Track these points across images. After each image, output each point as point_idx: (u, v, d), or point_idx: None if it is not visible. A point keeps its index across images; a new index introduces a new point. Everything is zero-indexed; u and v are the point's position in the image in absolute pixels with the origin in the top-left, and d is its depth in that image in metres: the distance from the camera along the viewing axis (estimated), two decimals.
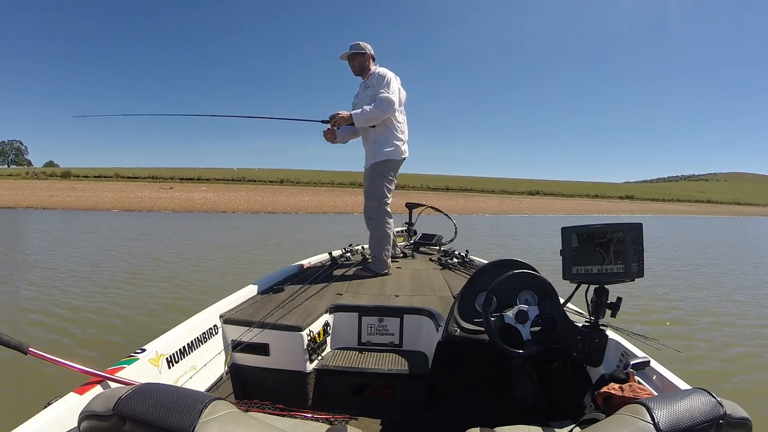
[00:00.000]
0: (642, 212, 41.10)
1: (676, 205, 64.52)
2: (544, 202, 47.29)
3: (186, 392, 0.68)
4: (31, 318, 3.96)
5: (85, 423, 0.67)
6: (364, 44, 2.70)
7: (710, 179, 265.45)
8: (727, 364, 3.24)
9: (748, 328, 4.12)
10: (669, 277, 6.69)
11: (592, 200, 62.17)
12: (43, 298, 4.65)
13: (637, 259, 1.26)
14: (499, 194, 60.17)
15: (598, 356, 1.35)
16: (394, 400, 1.73)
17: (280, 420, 1.03)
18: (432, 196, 43.95)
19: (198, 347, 1.50)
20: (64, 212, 19.06)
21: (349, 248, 3.28)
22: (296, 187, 49.38)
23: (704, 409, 0.68)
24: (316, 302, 1.98)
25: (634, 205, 56.37)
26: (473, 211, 29.81)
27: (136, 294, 4.89)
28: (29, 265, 6.62)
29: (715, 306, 4.94)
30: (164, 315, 4.07)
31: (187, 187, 41.62)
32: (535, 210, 34.45)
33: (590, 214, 32.84)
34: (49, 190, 29.75)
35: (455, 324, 1.49)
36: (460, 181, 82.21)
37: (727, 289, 5.92)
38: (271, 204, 26.81)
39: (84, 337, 3.51)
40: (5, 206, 21.09)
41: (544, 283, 1.35)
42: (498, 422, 1.01)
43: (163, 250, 8.45)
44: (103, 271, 6.13)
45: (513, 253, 9.01)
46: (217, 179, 55.23)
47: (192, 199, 27.19)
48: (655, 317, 4.36)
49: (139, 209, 20.10)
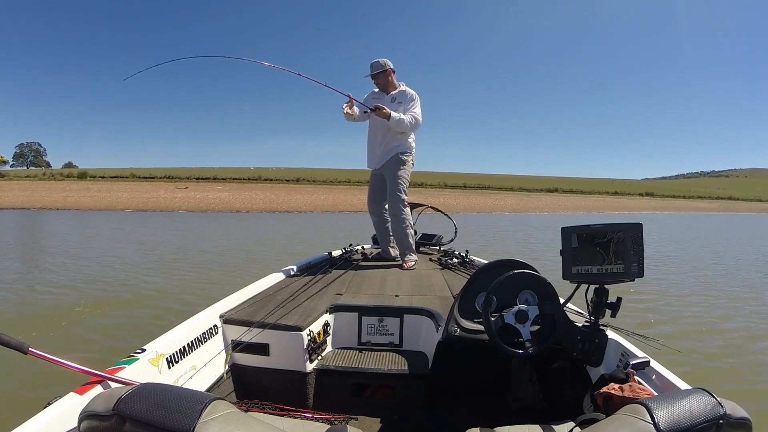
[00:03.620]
0: (664, 209, 40.61)
1: (697, 202, 62.74)
2: (563, 200, 46.68)
3: (186, 392, 0.68)
4: (31, 318, 3.96)
5: (85, 423, 0.67)
6: (383, 61, 2.91)
7: (730, 175, 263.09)
8: (727, 364, 3.24)
9: (749, 327, 4.12)
10: (676, 274, 6.67)
11: (612, 197, 61.09)
12: (39, 301, 4.65)
13: (637, 259, 1.26)
14: (517, 192, 59.08)
15: (598, 356, 1.35)
16: (394, 400, 1.73)
17: (280, 420, 1.03)
18: (450, 194, 43.89)
19: (198, 347, 1.50)
20: (77, 213, 19.05)
21: (349, 248, 3.28)
22: (312, 186, 48.96)
23: (704, 409, 0.68)
24: (316, 302, 1.98)
25: (655, 202, 55.18)
26: (491, 209, 29.58)
27: (135, 296, 4.88)
28: (21, 269, 6.60)
29: (716, 305, 4.93)
30: (165, 317, 4.07)
31: (202, 186, 41.34)
32: (554, 208, 33.98)
33: (612, 212, 32.22)
34: (65, 191, 29.70)
35: (455, 324, 1.49)
36: (478, 179, 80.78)
37: (733, 288, 5.88)
38: (287, 203, 26.72)
39: (85, 337, 3.51)
40: (20, 207, 21.24)
41: (544, 283, 1.35)
42: (498, 422, 1.01)
43: (162, 251, 8.44)
44: (99, 271, 6.13)
45: (535, 251, 8.97)
46: (233, 178, 54.44)
47: (207, 199, 27.07)
48: (655, 317, 4.36)
49: (153, 209, 20.04)
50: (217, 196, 29.24)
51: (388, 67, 2.92)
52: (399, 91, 2.95)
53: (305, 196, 31.89)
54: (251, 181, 53.28)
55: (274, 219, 17.67)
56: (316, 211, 23.36)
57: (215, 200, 26.58)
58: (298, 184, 52.60)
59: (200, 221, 15.73)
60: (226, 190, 37.14)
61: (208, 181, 51.05)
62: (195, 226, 13.98)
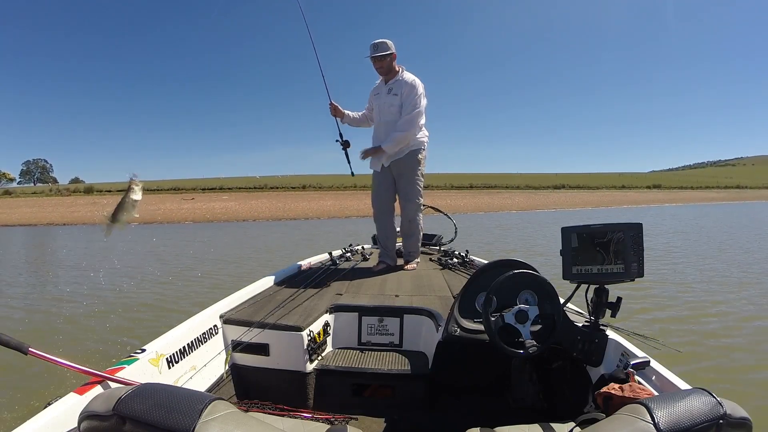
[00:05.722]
0: (672, 201, 40.23)
1: (705, 193, 61.94)
2: (570, 196, 46.32)
3: (186, 392, 0.68)
4: (31, 318, 3.97)
5: (85, 423, 0.67)
6: (390, 43, 2.62)
7: (737, 164, 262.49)
8: (727, 363, 3.24)
9: (750, 327, 4.11)
10: (680, 272, 6.65)
11: (619, 191, 60.54)
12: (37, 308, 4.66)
13: (637, 258, 1.26)
14: (524, 190, 58.76)
15: (598, 356, 1.35)
16: (394, 400, 1.72)
17: (280, 420, 1.03)
18: (457, 194, 43.74)
19: (198, 347, 1.50)
20: (83, 227, 18.84)
21: (349, 248, 3.28)
22: (319, 192, 48.74)
23: (704, 409, 0.68)
24: (316, 302, 1.98)
25: (663, 195, 54.70)
26: (500, 208, 29.27)
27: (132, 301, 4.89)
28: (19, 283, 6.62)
29: (717, 305, 4.92)
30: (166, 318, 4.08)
31: (208, 197, 41.28)
32: (562, 204, 33.69)
33: (620, 206, 31.89)
34: (71, 206, 29.74)
35: (455, 324, 1.49)
36: (485, 179, 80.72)
37: (736, 286, 5.84)
38: (293, 210, 26.45)
39: (86, 337, 3.52)
40: (27, 223, 21.34)
41: (544, 283, 1.35)
42: (498, 422, 1.01)
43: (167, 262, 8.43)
44: (94, 282, 6.14)
45: (543, 248, 8.95)
46: (239, 188, 54.48)
47: (213, 209, 26.90)
48: (654, 316, 4.36)
49: (160, 221, 20.00)
50: (223, 206, 29.14)
51: (392, 50, 2.62)
52: (396, 80, 2.67)
53: (312, 203, 31.78)
54: (257, 189, 53.27)
55: (281, 227, 17.56)
56: (323, 217, 23.19)
57: (222, 210, 26.45)
58: (305, 190, 52.51)
59: (208, 232, 15.70)
60: (232, 199, 37.09)
61: (214, 191, 51.11)
62: (204, 236, 13.96)
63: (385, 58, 2.62)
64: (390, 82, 2.69)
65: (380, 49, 2.60)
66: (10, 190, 53.81)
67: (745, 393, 2.74)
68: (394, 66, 2.68)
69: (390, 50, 2.61)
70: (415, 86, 2.60)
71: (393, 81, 2.67)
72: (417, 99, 2.61)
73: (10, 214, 25.01)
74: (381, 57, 2.61)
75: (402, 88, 2.62)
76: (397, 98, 2.63)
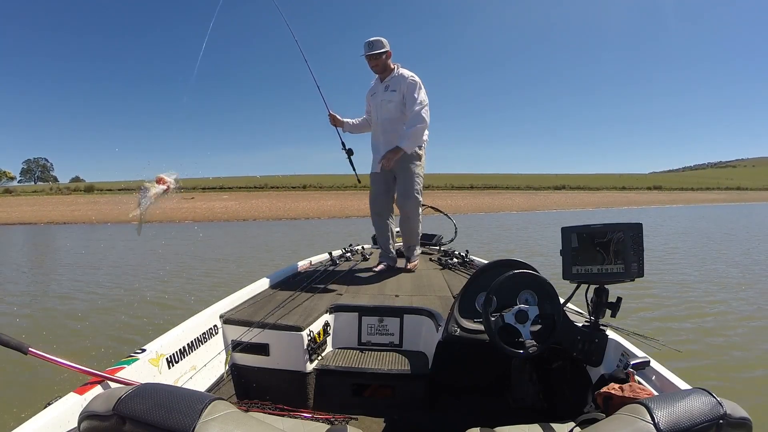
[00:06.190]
0: (672, 202, 40.24)
1: (705, 194, 62.14)
2: (571, 197, 46.39)
3: (186, 392, 0.68)
4: (31, 318, 3.97)
5: (85, 423, 0.67)
6: (384, 41, 2.59)
7: (738, 165, 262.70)
8: (727, 363, 3.24)
9: (750, 326, 4.11)
10: (679, 272, 6.65)
11: (619, 192, 60.60)
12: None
13: (637, 259, 1.26)
14: (524, 190, 58.70)
15: (598, 356, 1.35)
16: (394, 400, 1.73)
17: (280, 420, 1.03)
18: (457, 195, 43.68)
19: (198, 347, 1.50)
20: (83, 226, 18.94)
21: (349, 248, 3.28)
22: (319, 192, 48.56)
23: (704, 409, 0.68)
24: (316, 302, 1.98)
25: (663, 196, 54.80)
26: (500, 208, 29.23)
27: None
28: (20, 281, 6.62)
29: (717, 305, 4.92)
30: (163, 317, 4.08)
31: (208, 196, 40.88)
32: (562, 205, 33.66)
33: (620, 207, 31.88)
34: (71, 205, 29.73)
35: (455, 324, 1.49)
36: (485, 179, 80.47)
37: (736, 286, 5.84)
38: (294, 210, 26.32)
39: (87, 337, 3.51)
40: (27, 222, 21.32)
41: (544, 283, 1.35)
42: (498, 422, 1.01)
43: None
44: (111, 281, 6.14)
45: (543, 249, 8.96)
46: (239, 187, 54.10)
47: (213, 209, 26.72)
48: (654, 316, 4.36)
49: (160, 221, 20.07)
50: (223, 206, 29.03)
51: (387, 47, 2.58)
52: (392, 76, 2.64)
53: (312, 203, 31.71)
54: (258, 189, 53.09)
55: (281, 226, 17.52)
56: (323, 217, 23.11)
57: (222, 210, 26.36)
58: (305, 190, 52.38)
59: (208, 231, 15.67)
60: (232, 199, 36.94)
61: (214, 190, 50.90)
62: (205, 235, 13.94)
63: (380, 56, 2.59)
64: (386, 79, 2.67)
65: (375, 47, 2.57)
66: (10, 189, 53.84)
67: (745, 393, 2.74)
68: (390, 64, 2.66)
69: (385, 48, 2.58)
70: (415, 80, 2.58)
71: (389, 78, 2.65)
72: (420, 92, 2.58)
73: (11, 212, 25.03)
74: (376, 55, 2.58)
75: (400, 83, 2.60)
76: (395, 94, 2.60)
